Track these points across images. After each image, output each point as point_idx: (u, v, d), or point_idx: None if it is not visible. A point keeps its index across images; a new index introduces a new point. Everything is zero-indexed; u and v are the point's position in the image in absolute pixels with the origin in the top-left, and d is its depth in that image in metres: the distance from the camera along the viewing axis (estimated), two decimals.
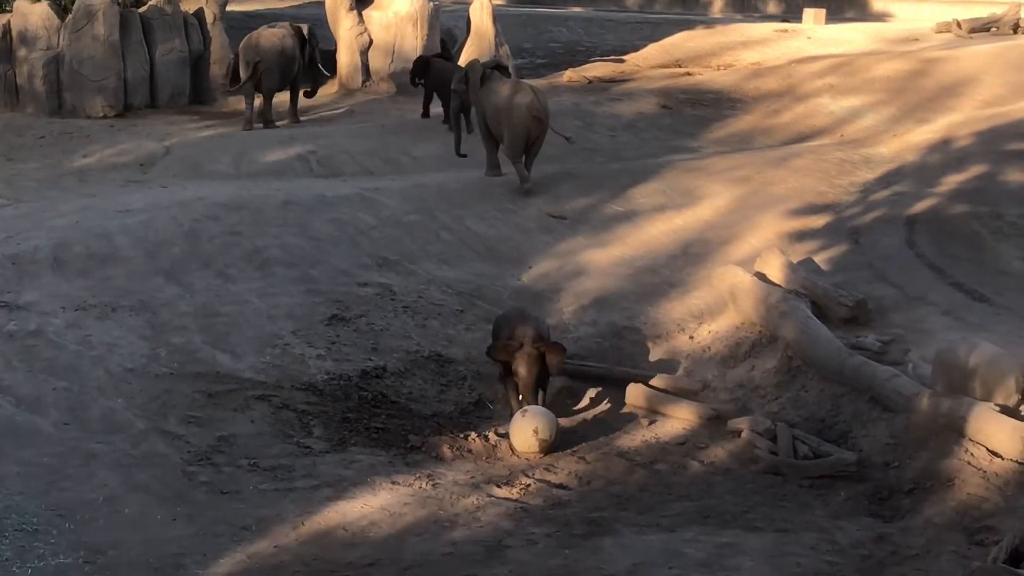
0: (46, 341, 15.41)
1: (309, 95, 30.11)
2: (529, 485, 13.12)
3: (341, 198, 20.66)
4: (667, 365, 15.89)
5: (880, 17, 44.89)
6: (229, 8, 34.09)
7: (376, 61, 32.77)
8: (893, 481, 12.75)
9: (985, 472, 12.08)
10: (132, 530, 12.00)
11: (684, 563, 11.28)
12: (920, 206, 19.23)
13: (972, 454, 12.34)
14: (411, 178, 22.76)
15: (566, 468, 13.60)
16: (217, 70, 31.78)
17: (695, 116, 27.68)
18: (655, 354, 16.17)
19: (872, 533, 11.83)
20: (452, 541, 11.79)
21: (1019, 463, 11.99)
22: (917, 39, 34.48)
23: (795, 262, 16.77)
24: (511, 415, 14.43)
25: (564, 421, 14.47)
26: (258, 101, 28.54)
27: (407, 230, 19.54)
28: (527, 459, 13.73)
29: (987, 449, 12.28)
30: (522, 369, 14.52)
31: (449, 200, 20.90)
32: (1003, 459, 12.10)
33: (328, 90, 32.44)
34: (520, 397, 14.70)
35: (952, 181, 20.27)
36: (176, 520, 12.24)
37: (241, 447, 13.70)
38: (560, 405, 15.01)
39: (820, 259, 17.31)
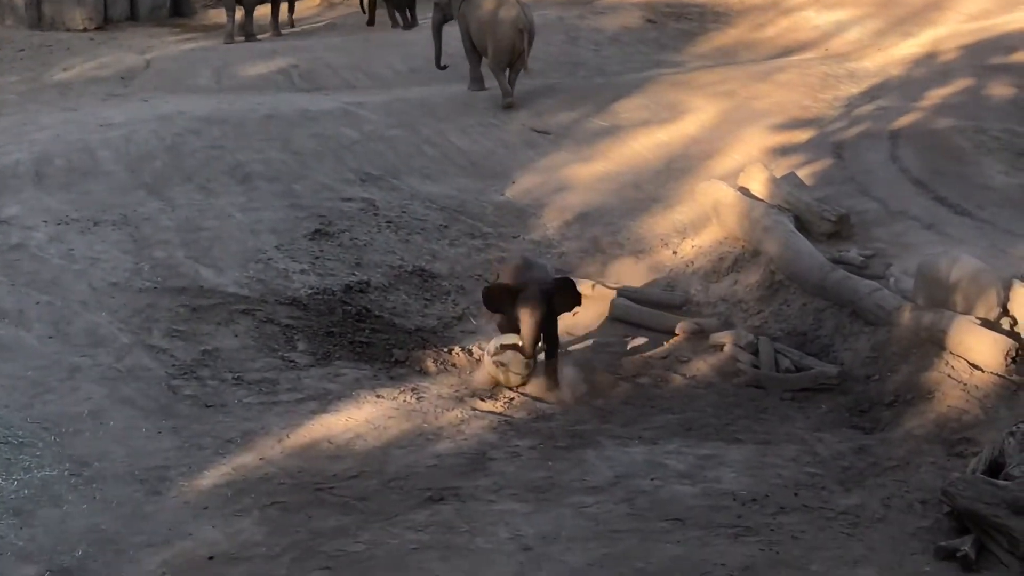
0: (28, 255, 15.36)
1: (290, 8, 29.81)
2: (512, 399, 13.18)
3: (323, 112, 20.54)
4: (650, 279, 15.92)
5: None
6: None
7: None
8: (874, 394, 12.85)
9: (965, 384, 12.18)
10: (117, 443, 12.06)
11: (666, 474, 11.39)
12: (904, 120, 19.20)
13: (953, 367, 12.43)
14: (394, 92, 22.61)
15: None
16: None
17: (679, 30, 27.49)
18: (638, 269, 16.20)
19: (853, 445, 11.95)
20: (436, 453, 11.88)
21: (999, 375, 12.09)
22: None
23: (778, 177, 16.75)
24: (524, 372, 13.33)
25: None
26: (239, 14, 28.25)
27: (390, 145, 19.46)
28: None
29: (968, 362, 12.37)
30: (524, 315, 13.16)
31: (432, 115, 20.79)
32: (983, 372, 12.20)
33: (310, 3, 32.12)
34: (522, 347, 13.24)
35: (936, 95, 20.22)
36: (161, 433, 12.31)
37: (225, 361, 13.73)
38: None
39: (803, 174, 17.29)
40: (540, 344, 13.32)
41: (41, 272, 15.00)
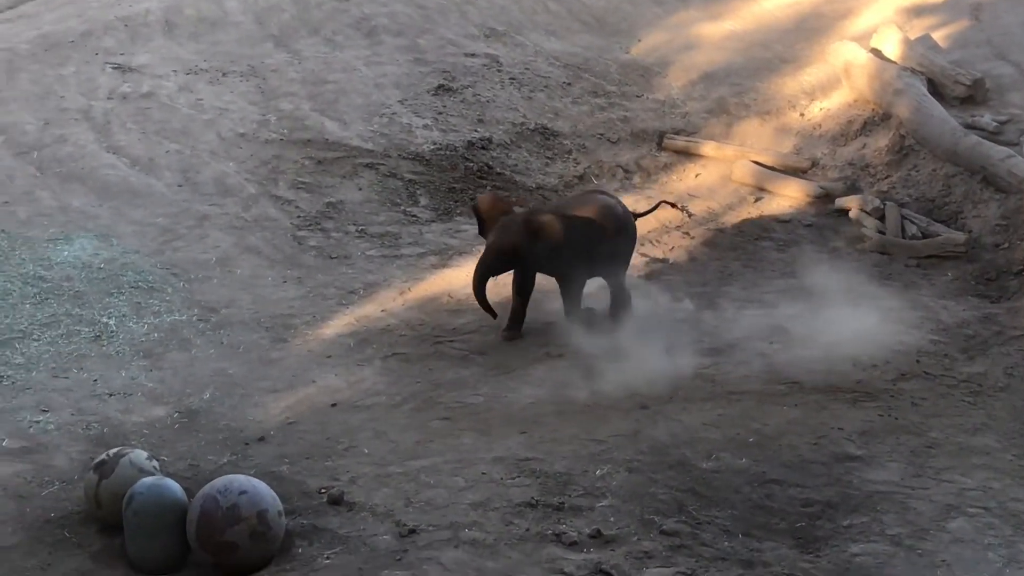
0: (159, 104, 15.58)
1: None
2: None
3: None
4: (777, 142, 15.69)
5: None
6: None
7: None
8: (1002, 262, 12.62)
9: None
10: (244, 291, 12.32)
11: (785, 338, 11.35)
12: None
13: None
14: None
15: (670, 242, 13.61)
16: None
17: None
18: (764, 130, 15.96)
19: (978, 313, 11.79)
20: (553, 311, 11.92)
21: None
22: None
23: (912, 38, 16.30)
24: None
25: (666, 196, 14.41)
26: None
27: (514, 0, 19.25)
28: None
29: None
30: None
31: None
32: None
33: None
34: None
35: None
36: (286, 282, 12.54)
37: (349, 213, 13.88)
38: (663, 180, 14.96)
39: (938, 35, 16.80)
40: None
41: (171, 121, 15.22)
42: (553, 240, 11.27)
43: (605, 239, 11.38)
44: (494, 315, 11.52)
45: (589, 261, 11.42)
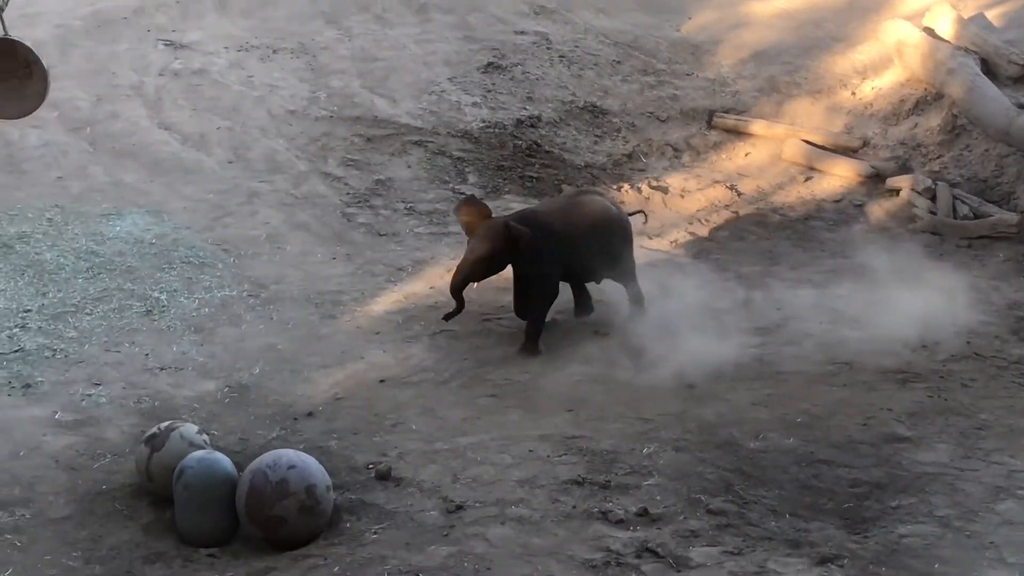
0: (210, 80, 15.66)
1: None
2: (677, 239, 13.15)
3: None
4: (827, 121, 15.59)
5: None
6: None
7: None
8: None
9: None
10: (293, 267, 12.38)
11: (835, 318, 11.31)
12: None
13: None
14: None
15: (716, 221, 13.57)
16: None
17: None
18: (815, 109, 15.85)
19: None
20: (602, 288, 11.92)
21: None
22: None
23: (966, 17, 16.14)
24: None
25: (715, 175, 14.37)
26: None
27: None
28: None
29: None
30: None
31: None
32: None
33: None
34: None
35: None
36: (335, 259, 12.59)
37: (398, 191, 13.92)
38: (712, 158, 14.90)
39: (992, 14, 16.63)
40: None
41: (222, 98, 15.31)
42: (534, 245, 10.80)
43: (594, 242, 11.01)
44: (460, 307, 10.98)
45: (577, 265, 11.05)
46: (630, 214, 11.71)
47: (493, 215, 11.10)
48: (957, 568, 7.77)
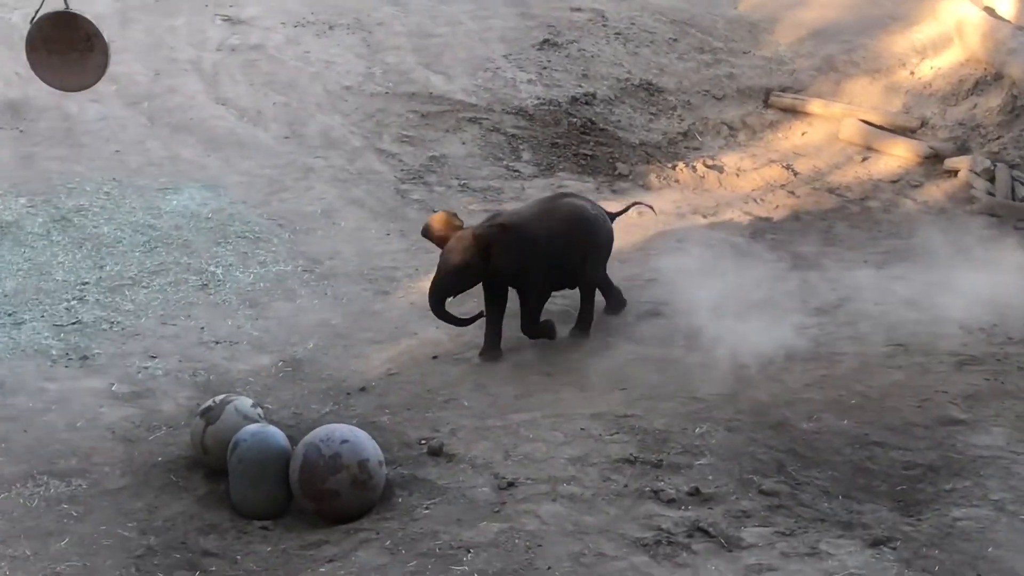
0: (266, 56, 15.73)
1: None
2: (732, 217, 13.08)
3: None
4: (885, 100, 15.45)
5: None
6: None
7: None
8: None
9: None
10: (347, 242, 12.44)
11: (891, 299, 11.22)
12: None
13: None
14: None
15: (775, 201, 13.50)
16: None
17: None
18: (873, 89, 15.72)
19: None
20: (656, 268, 11.91)
21: None
22: None
23: None
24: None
25: (771, 154, 14.26)
26: None
27: None
28: None
29: None
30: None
31: None
32: None
33: None
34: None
35: None
36: (389, 235, 12.64)
37: (452, 167, 13.93)
38: (768, 137, 14.81)
39: None
40: None
41: (278, 73, 15.37)
42: (508, 254, 10.31)
43: (573, 245, 10.54)
44: (459, 323, 10.57)
45: (554, 271, 10.57)
46: (626, 208, 11.26)
47: (464, 226, 10.52)
48: (1011, 551, 7.71)
